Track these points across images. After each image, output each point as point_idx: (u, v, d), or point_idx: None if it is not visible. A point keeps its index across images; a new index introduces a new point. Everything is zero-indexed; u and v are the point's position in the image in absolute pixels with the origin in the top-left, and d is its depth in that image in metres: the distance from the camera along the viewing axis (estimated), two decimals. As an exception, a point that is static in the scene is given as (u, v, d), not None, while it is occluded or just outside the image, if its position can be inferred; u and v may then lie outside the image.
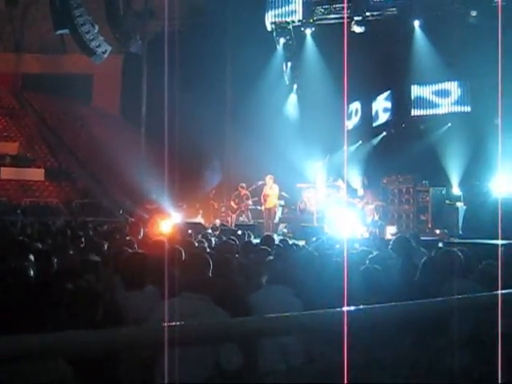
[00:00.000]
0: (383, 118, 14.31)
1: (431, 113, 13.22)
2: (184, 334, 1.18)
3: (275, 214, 12.37)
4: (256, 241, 7.00)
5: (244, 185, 12.56)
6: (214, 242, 6.45)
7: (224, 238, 6.47)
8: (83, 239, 5.70)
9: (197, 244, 5.63)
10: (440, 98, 13.01)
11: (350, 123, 15.12)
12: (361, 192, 12.31)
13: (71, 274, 3.08)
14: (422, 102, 13.30)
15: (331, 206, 11.63)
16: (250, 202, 12.55)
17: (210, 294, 2.74)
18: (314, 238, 6.78)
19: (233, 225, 11.98)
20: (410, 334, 2.54)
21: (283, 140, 14.26)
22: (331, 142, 13.37)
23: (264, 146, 14.16)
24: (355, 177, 13.50)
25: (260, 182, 12.04)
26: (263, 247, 5.02)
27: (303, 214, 13.03)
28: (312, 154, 13.01)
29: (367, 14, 13.19)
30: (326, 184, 12.61)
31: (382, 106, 14.35)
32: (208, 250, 5.19)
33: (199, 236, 7.20)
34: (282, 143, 14.27)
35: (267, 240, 5.73)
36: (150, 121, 17.33)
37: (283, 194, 12.77)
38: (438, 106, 13.07)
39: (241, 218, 12.73)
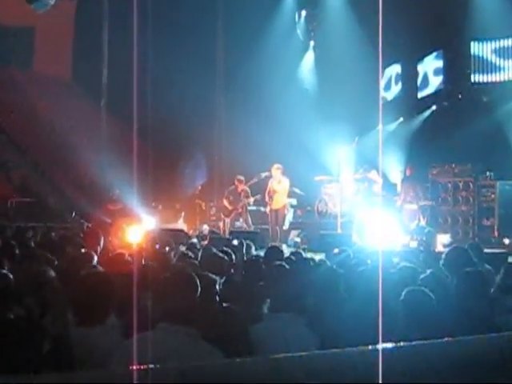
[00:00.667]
0: (433, 85, 14.34)
1: (498, 79, 13.25)
2: (159, 380, 1.18)
3: (284, 217, 12.49)
4: (258, 254, 7.09)
5: (242, 178, 12.65)
6: (200, 255, 6.55)
7: (214, 250, 6.46)
8: (21, 251, 5.72)
9: (178, 258, 5.76)
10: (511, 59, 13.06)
11: (388, 94, 15.17)
12: (402, 187, 12.41)
13: (3, 298, 3.10)
14: (485, 65, 13.34)
15: (361, 206, 11.73)
16: (249, 201, 12.60)
17: (197, 326, 2.78)
18: (338, 250, 6.85)
19: (226, 232, 12.12)
20: (468, 378, 2.60)
21: (295, 117, 14.32)
22: (361, 120, 13.44)
23: (269, 126, 14.19)
24: (394, 167, 13.54)
25: (264, 174, 12.16)
26: (268, 262, 5.12)
27: (323, 218, 13.12)
28: (335, 135, 13.09)
29: None
30: (354, 177, 12.66)
31: (431, 68, 14.36)
32: (194, 265, 5.26)
33: (181, 247, 7.28)
34: (293, 122, 14.32)
35: (274, 253, 5.84)
36: (113, 90, 17.25)
37: (295, 190, 12.86)
38: (508, 69, 13.12)
39: (237, 223, 12.87)
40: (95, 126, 17.06)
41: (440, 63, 14.04)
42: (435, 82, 14.16)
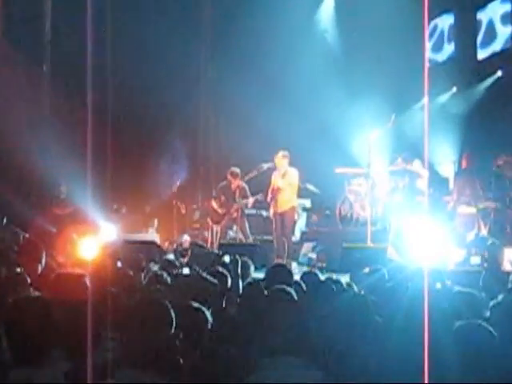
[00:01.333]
0: (500, 40, 14.10)
1: None
2: None
3: (294, 224, 12.48)
4: (258, 275, 7.23)
5: (237, 171, 12.75)
6: (178, 277, 6.57)
7: (197, 270, 6.56)
8: None
9: (148, 281, 5.84)
10: None
11: (436, 55, 15.16)
12: (455, 184, 12.49)
13: None
14: None
15: (399, 209, 11.80)
16: (247, 203, 12.66)
17: (173, 375, 2.84)
18: (368, 270, 6.93)
19: (215, 245, 12.16)
20: None
21: (309, 88, 14.26)
22: (399, 92, 13.41)
23: (273, 100, 14.13)
24: (445, 155, 13.52)
25: (266, 165, 12.24)
26: (272, 288, 5.00)
27: (347, 225, 13.10)
28: (363, 112, 13.08)
29: None
30: (389, 169, 12.73)
31: (497, 15, 14.12)
32: (169, 292, 5.36)
33: (152, 266, 7.38)
34: (306, 94, 14.28)
35: (279, 274, 5.83)
36: (58, 52, 17.19)
37: (309, 187, 12.97)
38: None
39: (230, 233, 12.96)
40: (35, 99, 16.92)
41: (509, 7, 13.77)
42: (503, 35, 13.95)
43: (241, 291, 6.06)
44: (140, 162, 15.38)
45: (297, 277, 6.52)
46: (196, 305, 4.15)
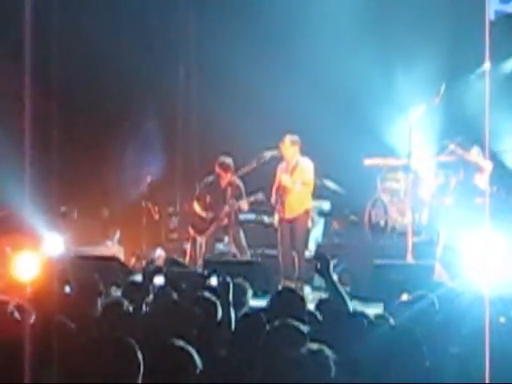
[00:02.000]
0: None
1: None
2: None
3: (307, 234, 12.64)
4: (258, 304, 7.37)
5: (229, 161, 12.84)
6: (149, 306, 6.81)
7: (175, 298, 6.68)
8: None
9: (106, 310, 5.92)
10: None
11: (504, 4, 15.05)
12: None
13: None
14: None
15: (451, 213, 11.88)
16: (242, 205, 12.84)
17: None
18: (408, 297, 6.95)
19: (199, 262, 12.30)
20: None
21: (328, 50, 14.19)
22: (451, 55, 13.35)
23: (278, 66, 14.10)
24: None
25: (270, 154, 12.36)
26: (277, 322, 5.08)
27: (379, 236, 13.11)
28: (401, 85, 13.13)
29: None
30: (437, 159, 12.77)
31: None
32: (136, 326, 5.41)
33: (113, 291, 7.70)
34: (323, 59, 14.19)
35: (286, 301, 5.94)
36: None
37: (328, 183, 13.15)
38: None
39: (220, 246, 13.15)
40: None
41: None
42: None
43: (234, 325, 6.02)
44: (97, 151, 15.40)
45: (311, 306, 6.49)
46: (180, 343, 4.15)
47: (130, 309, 6.17)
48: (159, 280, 8.97)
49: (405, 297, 7.01)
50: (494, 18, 14.59)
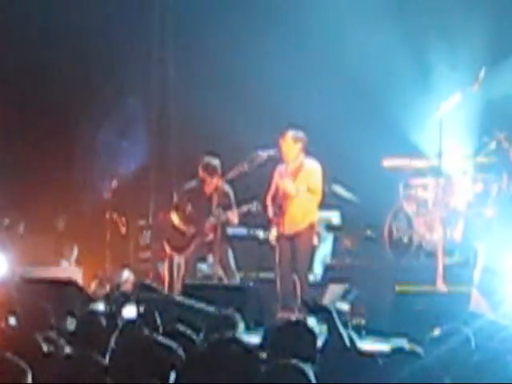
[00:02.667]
0: None
1: None
2: None
3: (313, 253, 13.03)
4: (250, 340, 7.13)
5: (215, 162, 13.42)
6: (114, 343, 6.83)
7: (146, 333, 6.94)
8: None
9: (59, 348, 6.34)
10: None
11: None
12: None
13: None
14: None
15: (492, 228, 12.52)
16: (231, 218, 13.06)
17: None
18: (438, 332, 7.10)
19: (177, 286, 13.00)
20: None
21: (339, 30, 14.43)
22: (491, 33, 13.43)
23: (278, 47, 14.22)
24: None
25: (266, 153, 12.71)
26: (274, 360, 5.43)
27: (402, 255, 13.09)
28: (429, 70, 13.66)
29: None
30: (475, 161, 12.87)
31: None
32: (97, 367, 5.65)
33: (69, 323, 8.27)
34: (333, 39, 14.50)
35: (287, 339, 6.23)
36: None
37: (338, 190, 13.39)
38: None
39: (202, 266, 13.65)
40: None
41: None
42: None
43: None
44: (48, 147, 15.27)
45: (318, 342, 6.50)
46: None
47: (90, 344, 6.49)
48: (130, 311, 8.95)
49: (435, 332, 7.16)
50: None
